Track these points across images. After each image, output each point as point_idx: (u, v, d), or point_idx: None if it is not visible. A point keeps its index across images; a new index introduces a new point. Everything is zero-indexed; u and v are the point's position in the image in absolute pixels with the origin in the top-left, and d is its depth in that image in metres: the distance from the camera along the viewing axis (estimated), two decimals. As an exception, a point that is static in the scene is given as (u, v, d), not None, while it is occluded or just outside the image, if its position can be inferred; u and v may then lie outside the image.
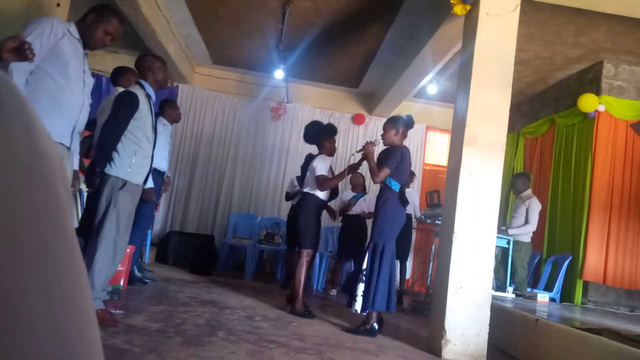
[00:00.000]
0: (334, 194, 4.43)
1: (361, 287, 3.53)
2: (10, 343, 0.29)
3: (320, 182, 4.11)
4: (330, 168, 4.27)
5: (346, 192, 6.15)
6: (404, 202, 3.63)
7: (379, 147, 3.83)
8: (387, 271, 3.50)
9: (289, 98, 7.48)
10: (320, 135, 4.37)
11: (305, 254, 4.12)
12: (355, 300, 3.52)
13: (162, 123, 4.59)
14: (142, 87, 3.07)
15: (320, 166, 4.14)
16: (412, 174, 6.04)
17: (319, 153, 4.33)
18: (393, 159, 3.59)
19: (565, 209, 5.57)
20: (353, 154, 4.07)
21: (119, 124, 2.89)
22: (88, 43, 2.60)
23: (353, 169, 4.19)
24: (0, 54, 1.94)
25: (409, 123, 3.80)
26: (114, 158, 2.87)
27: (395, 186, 3.60)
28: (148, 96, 3.04)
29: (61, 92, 2.39)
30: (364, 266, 3.56)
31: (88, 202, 3.61)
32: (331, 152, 4.35)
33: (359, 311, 3.52)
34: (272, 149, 7.48)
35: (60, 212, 0.34)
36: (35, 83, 2.32)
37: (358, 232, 5.68)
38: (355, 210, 5.77)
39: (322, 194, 4.18)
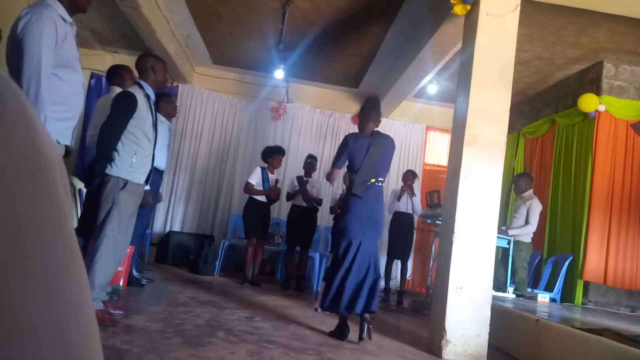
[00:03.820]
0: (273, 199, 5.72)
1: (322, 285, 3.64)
2: (10, 342, 0.29)
3: (244, 187, 5.65)
4: (267, 179, 5.61)
5: (337, 191, 6.20)
6: (357, 191, 3.35)
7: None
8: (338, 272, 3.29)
9: (289, 98, 7.47)
10: (266, 154, 5.72)
11: (247, 242, 5.60)
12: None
13: (159, 120, 4.55)
14: (141, 87, 3.05)
15: (252, 175, 5.62)
16: (414, 175, 6.03)
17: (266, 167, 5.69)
18: (338, 153, 3.49)
19: (566, 209, 5.57)
20: None
21: (118, 125, 2.87)
22: (78, 7, 2.48)
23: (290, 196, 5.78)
24: None
25: (362, 107, 3.56)
26: (114, 158, 2.85)
27: (350, 176, 3.45)
28: (147, 96, 3.03)
29: (71, 95, 2.38)
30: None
31: (87, 201, 3.60)
32: (274, 166, 5.71)
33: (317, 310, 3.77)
34: (272, 149, 7.47)
35: (60, 212, 0.34)
36: (49, 88, 2.27)
37: None
38: None
39: (259, 197, 5.54)
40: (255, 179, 5.54)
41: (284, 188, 7.22)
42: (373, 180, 3.38)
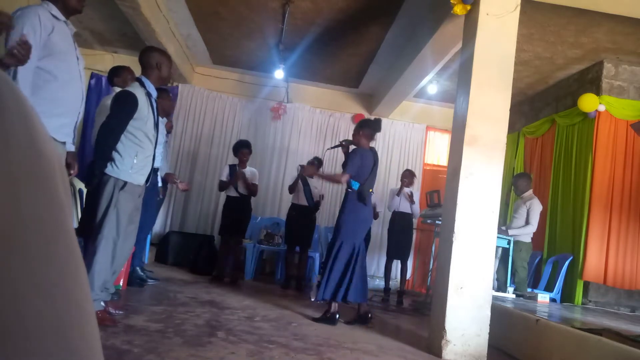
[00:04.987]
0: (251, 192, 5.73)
1: (318, 278, 4.23)
2: (12, 342, 0.29)
3: (218, 186, 5.84)
4: (236, 174, 5.58)
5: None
6: (363, 199, 3.89)
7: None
8: (340, 265, 3.80)
9: (289, 98, 7.47)
10: (234, 150, 5.76)
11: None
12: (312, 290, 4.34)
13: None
14: (142, 84, 2.96)
15: (222, 174, 5.75)
16: (412, 174, 6.03)
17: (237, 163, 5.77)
18: (353, 163, 3.91)
19: (566, 209, 5.56)
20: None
21: (117, 125, 2.82)
22: (71, 8, 2.48)
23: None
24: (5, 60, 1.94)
25: (369, 125, 4.09)
26: (115, 159, 2.81)
27: (355, 185, 3.91)
28: (148, 94, 2.95)
29: (63, 90, 2.36)
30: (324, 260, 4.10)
31: (88, 201, 3.59)
32: (243, 162, 5.68)
33: (312, 299, 4.23)
34: (272, 149, 7.48)
35: (61, 211, 0.34)
36: (37, 83, 2.27)
37: None
38: None
39: (231, 192, 5.61)
40: (224, 176, 5.70)
41: (283, 188, 7.24)
42: (371, 190, 4.00)
